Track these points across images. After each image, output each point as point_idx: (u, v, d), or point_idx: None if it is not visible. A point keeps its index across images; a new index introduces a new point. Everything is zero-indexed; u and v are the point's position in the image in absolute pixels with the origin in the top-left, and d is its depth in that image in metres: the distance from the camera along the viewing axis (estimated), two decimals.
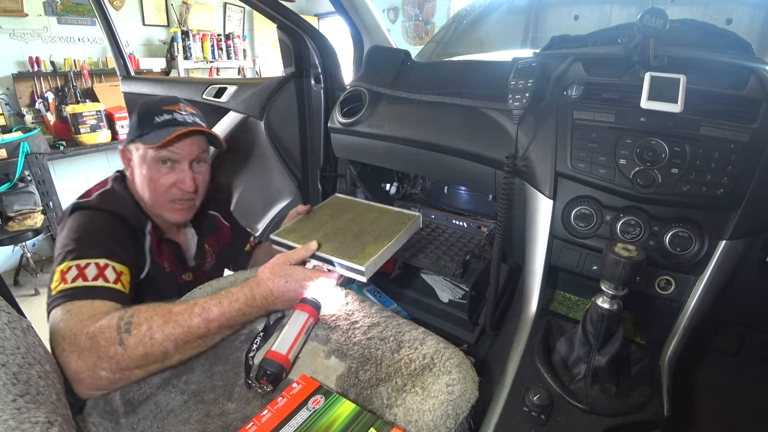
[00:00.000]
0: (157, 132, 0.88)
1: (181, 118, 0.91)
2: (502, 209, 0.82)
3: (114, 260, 0.78)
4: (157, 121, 0.89)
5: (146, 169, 0.90)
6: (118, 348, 0.63)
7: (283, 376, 0.68)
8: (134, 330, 0.65)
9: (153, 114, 0.90)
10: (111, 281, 0.75)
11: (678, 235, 0.70)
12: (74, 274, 0.73)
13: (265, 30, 4.48)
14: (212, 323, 0.70)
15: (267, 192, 1.66)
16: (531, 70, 0.83)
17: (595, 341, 0.65)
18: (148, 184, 0.91)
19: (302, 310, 0.76)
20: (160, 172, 0.90)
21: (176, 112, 0.91)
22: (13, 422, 0.43)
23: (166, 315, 0.68)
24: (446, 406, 0.62)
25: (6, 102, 2.81)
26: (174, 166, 0.92)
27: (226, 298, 0.72)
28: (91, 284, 0.73)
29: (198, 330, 0.69)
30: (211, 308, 0.70)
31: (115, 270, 0.77)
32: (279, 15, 1.29)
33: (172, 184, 0.91)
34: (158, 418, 0.64)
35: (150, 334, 0.65)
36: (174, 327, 0.67)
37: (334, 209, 1.02)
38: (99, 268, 0.75)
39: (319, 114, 1.43)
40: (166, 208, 0.94)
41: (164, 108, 0.91)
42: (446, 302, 1.18)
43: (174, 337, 0.66)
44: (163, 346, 0.66)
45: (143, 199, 0.93)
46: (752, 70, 0.75)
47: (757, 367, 0.98)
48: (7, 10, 2.73)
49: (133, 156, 0.92)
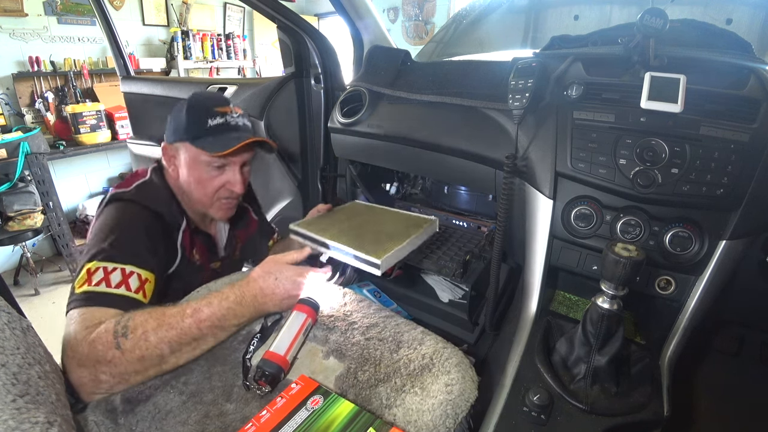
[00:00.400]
0: (215, 138, 0.88)
1: (234, 122, 0.91)
2: (502, 209, 0.82)
3: (141, 267, 0.78)
4: (210, 124, 0.88)
5: (197, 171, 0.90)
6: (116, 352, 0.64)
7: (281, 376, 0.68)
8: (130, 334, 0.66)
9: (205, 116, 0.88)
10: (133, 290, 0.75)
11: (678, 235, 0.70)
12: (100, 277, 0.73)
13: (265, 30, 4.48)
14: (203, 323, 0.70)
15: (267, 192, 1.66)
16: (531, 70, 0.83)
17: (595, 341, 0.65)
18: (197, 184, 0.91)
19: (300, 310, 0.76)
20: (211, 174, 0.91)
21: (228, 115, 0.91)
22: (13, 422, 0.43)
23: (159, 318, 0.69)
24: (445, 405, 0.62)
25: (6, 102, 2.81)
26: (224, 169, 0.92)
27: (217, 298, 0.73)
28: (112, 291, 0.73)
29: (190, 331, 0.69)
30: (202, 309, 0.71)
31: (140, 278, 0.77)
32: (279, 15, 1.29)
33: (222, 186, 0.93)
34: (157, 419, 0.64)
35: (145, 337, 0.66)
36: (167, 329, 0.68)
37: (353, 211, 1.06)
38: (124, 275, 0.75)
39: (319, 114, 1.43)
40: (213, 207, 0.95)
41: (217, 110, 0.90)
42: (446, 302, 1.18)
43: (168, 339, 0.67)
44: (158, 348, 0.66)
45: (186, 194, 0.94)
46: (752, 70, 0.75)
47: (757, 367, 0.98)
48: (7, 10, 2.73)
49: (180, 155, 0.91)
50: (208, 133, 0.88)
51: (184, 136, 0.89)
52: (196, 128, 0.88)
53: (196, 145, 0.88)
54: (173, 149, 0.92)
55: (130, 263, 0.76)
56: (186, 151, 0.90)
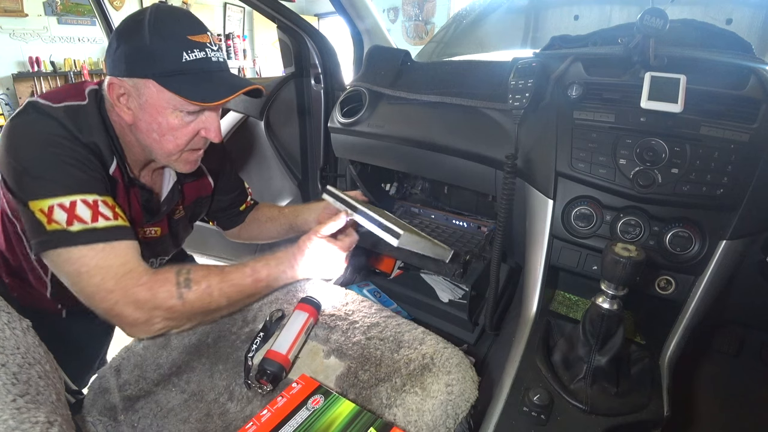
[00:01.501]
0: (194, 79, 0.70)
1: (215, 58, 0.73)
2: (502, 209, 0.82)
3: (100, 194, 0.68)
4: (186, 59, 0.68)
5: (165, 117, 0.72)
6: (177, 301, 0.68)
7: (282, 375, 0.68)
8: (194, 286, 0.70)
9: (178, 47, 0.68)
10: (111, 218, 0.68)
11: (678, 235, 0.70)
12: (64, 216, 0.64)
13: (265, 30, 4.48)
14: (260, 283, 0.77)
15: (267, 192, 1.66)
16: (531, 70, 0.83)
17: (595, 341, 0.65)
18: (166, 133, 0.73)
19: (302, 310, 0.76)
20: (185, 120, 0.74)
21: (208, 47, 0.71)
22: (13, 422, 0.43)
23: (221, 274, 0.73)
24: (445, 405, 0.62)
25: (6, 102, 2.82)
26: (199, 114, 0.75)
27: (274, 260, 0.79)
28: (95, 226, 0.66)
29: (248, 289, 0.76)
30: (260, 270, 0.77)
31: (107, 204, 0.68)
32: (279, 15, 1.29)
33: (196, 134, 0.77)
34: (158, 417, 0.64)
35: (209, 291, 0.71)
36: (230, 286, 0.73)
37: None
38: (89, 206, 0.66)
39: (319, 114, 1.43)
40: (180, 159, 0.79)
41: (192, 39, 0.69)
42: (446, 302, 1.18)
43: (228, 295, 0.73)
44: (218, 302, 0.73)
45: (133, 140, 0.77)
46: (752, 70, 0.75)
47: (757, 367, 0.98)
48: (7, 10, 2.73)
49: (139, 96, 0.70)
50: (183, 72, 0.69)
51: (147, 72, 0.68)
52: (167, 63, 0.68)
53: (169, 88, 0.68)
54: (126, 86, 0.70)
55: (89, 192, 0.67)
56: (148, 90, 0.69)
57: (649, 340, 0.78)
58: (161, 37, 0.68)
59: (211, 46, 0.72)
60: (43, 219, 0.64)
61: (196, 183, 0.96)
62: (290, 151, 1.53)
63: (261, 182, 1.69)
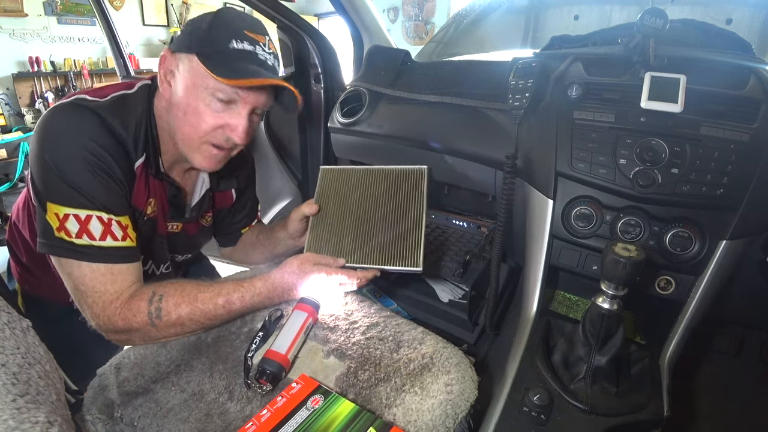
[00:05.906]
0: (232, 64, 0.70)
1: (263, 57, 0.73)
2: (502, 209, 0.82)
3: (116, 214, 0.70)
4: (233, 47, 0.70)
5: (195, 97, 0.72)
6: (151, 329, 0.71)
7: (282, 375, 0.68)
8: (164, 317, 0.71)
9: (229, 35, 0.70)
10: (120, 238, 0.70)
11: (678, 235, 0.70)
12: (76, 228, 0.66)
13: None
14: (234, 313, 0.77)
15: (267, 192, 1.66)
16: (531, 70, 0.83)
17: (595, 341, 0.65)
18: (190, 114, 0.72)
19: (301, 310, 0.76)
20: (211, 107, 0.72)
21: (259, 46, 0.73)
22: (13, 422, 0.43)
23: (192, 303, 0.73)
24: (445, 405, 0.62)
25: (6, 102, 2.82)
26: (231, 107, 0.73)
27: (249, 292, 0.77)
28: (101, 245, 0.68)
29: (221, 317, 0.76)
30: (234, 302, 0.76)
31: (121, 225, 0.70)
32: (279, 15, 1.29)
33: (219, 127, 0.74)
34: (158, 416, 0.64)
35: (180, 321, 0.72)
36: (200, 315, 0.74)
37: (336, 193, 0.91)
38: (103, 223, 0.68)
39: (319, 114, 1.43)
40: (199, 150, 0.76)
41: (247, 33, 0.71)
42: (446, 302, 1.18)
43: (200, 322, 0.75)
44: (191, 328, 0.75)
45: (170, 124, 0.76)
46: (752, 70, 0.75)
47: (757, 367, 0.98)
48: (7, 10, 2.73)
49: (180, 70, 0.72)
50: (226, 56, 0.70)
51: (194, 47, 0.70)
52: (214, 44, 0.70)
53: (205, 64, 0.69)
54: (175, 60, 0.73)
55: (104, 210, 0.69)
56: (189, 66, 0.71)
57: (649, 340, 0.78)
58: (220, 24, 0.71)
59: (263, 46, 0.73)
60: (54, 223, 0.66)
61: (224, 194, 0.99)
62: (290, 151, 1.53)
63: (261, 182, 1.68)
